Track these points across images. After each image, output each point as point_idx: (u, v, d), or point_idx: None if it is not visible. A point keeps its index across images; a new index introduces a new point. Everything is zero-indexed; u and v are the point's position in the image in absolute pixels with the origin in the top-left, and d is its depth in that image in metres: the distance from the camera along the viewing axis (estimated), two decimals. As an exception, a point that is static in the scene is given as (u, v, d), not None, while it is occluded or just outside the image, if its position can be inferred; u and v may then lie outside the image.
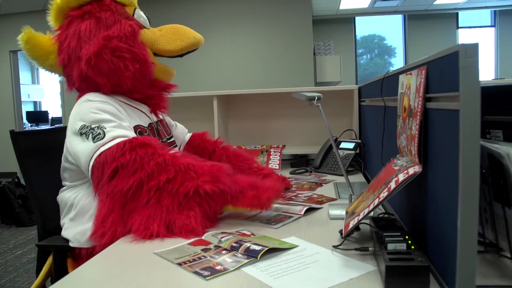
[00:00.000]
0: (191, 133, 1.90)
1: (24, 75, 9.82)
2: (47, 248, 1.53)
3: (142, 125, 1.49)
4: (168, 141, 1.66)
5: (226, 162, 1.74)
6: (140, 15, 1.55)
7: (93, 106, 1.35)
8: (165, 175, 1.21)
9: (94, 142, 1.27)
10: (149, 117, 1.58)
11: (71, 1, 1.46)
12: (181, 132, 1.87)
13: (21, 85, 7.80)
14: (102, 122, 1.31)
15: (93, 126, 1.30)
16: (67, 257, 1.44)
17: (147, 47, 1.50)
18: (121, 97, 1.49)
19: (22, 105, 7.93)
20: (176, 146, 1.73)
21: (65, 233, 1.40)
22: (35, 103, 10.56)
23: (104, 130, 1.28)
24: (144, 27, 1.53)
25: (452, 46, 0.72)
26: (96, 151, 1.25)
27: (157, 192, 1.20)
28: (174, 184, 1.21)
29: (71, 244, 1.36)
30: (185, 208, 1.20)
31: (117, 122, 1.33)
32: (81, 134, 1.31)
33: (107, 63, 1.38)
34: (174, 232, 1.17)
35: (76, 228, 1.36)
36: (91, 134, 1.28)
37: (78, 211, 1.37)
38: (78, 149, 1.30)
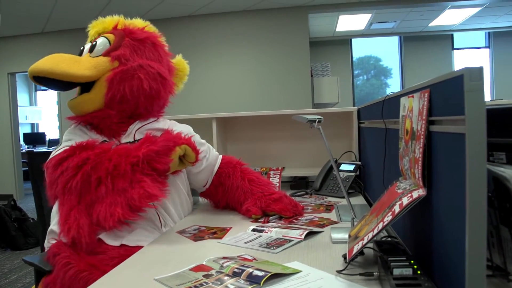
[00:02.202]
0: (221, 156, 1.89)
1: (22, 97, 9.86)
2: (29, 265, 1.57)
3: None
4: None
5: (241, 184, 1.79)
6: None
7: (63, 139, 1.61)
8: (109, 162, 1.35)
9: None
10: (120, 142, 1.63)
11: None
12: (213, 161, 1.84)
13: (18, 107, 7.81)
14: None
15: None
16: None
17: None
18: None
19: (20, 127, 7.92)
20: None
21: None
22: (32, 125, 10.57)
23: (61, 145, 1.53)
24: None
25: (456, 70, 0.72)
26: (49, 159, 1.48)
27: (109, 178, 1.33)
28: (120, 166, 1.35)
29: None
30: (135, 182, 1.33)
31: (73, 141, 1.51)
32: None
33: None
34: (136, 205, 1.29)
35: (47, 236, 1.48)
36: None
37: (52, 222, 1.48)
38: None
